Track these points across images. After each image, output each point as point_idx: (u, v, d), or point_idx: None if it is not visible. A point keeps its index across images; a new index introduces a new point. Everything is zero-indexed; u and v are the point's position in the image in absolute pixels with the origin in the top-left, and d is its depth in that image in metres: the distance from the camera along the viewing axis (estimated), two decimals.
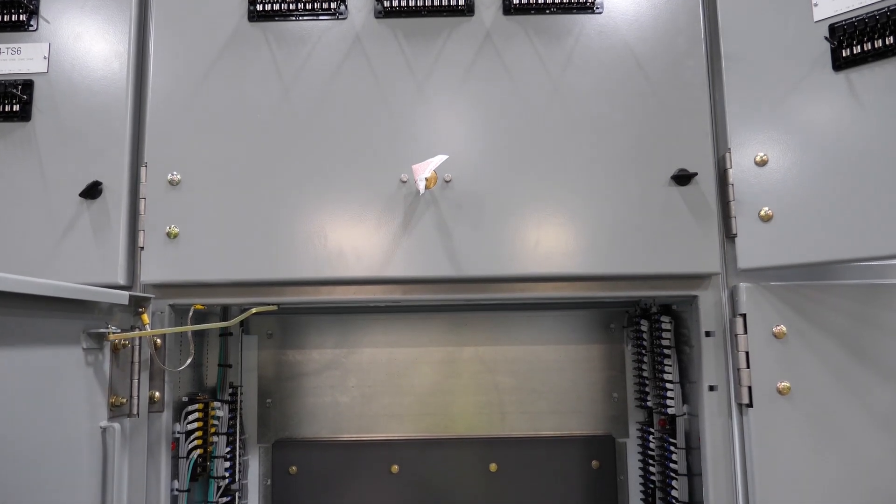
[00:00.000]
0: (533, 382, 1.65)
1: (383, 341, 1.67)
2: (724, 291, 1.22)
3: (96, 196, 1.22)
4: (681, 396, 1.36)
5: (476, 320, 1.67)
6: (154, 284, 1.22)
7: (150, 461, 1.20)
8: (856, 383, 1.16)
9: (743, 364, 1.16)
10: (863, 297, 1.17)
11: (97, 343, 1.09)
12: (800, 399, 1.15)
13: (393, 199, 1.20)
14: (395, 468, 1.60)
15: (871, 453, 1.15)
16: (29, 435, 0.93)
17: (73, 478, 1.03)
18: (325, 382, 1.67)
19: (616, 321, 1.67)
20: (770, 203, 1.15)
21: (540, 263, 1.19)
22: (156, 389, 1.21)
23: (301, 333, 1.68)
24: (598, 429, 1.64)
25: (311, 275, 1.19)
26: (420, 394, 1.65)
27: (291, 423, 1.66)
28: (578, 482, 1.59)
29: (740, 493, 1.19)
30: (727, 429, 1.20)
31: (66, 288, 0.97)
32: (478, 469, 1.60)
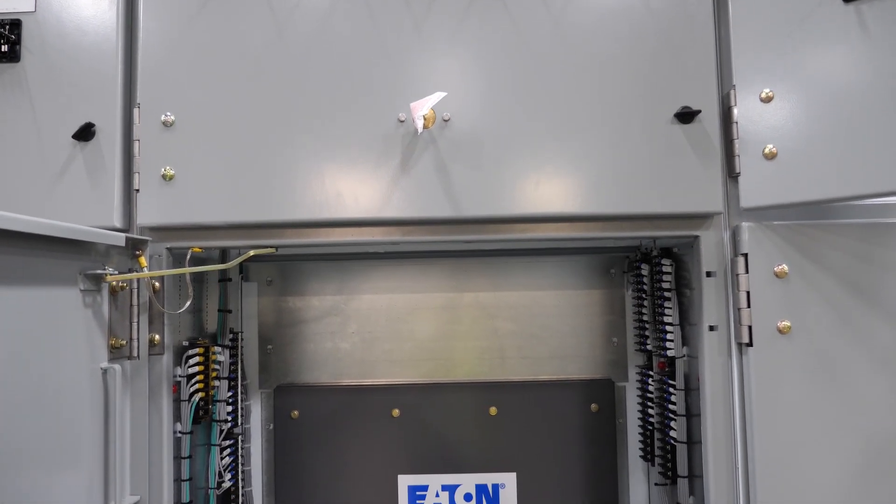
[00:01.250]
0: (533, 328, 1.66)
1: (383, 287, 1.67)
2: (725, 232, 1.21)
3: (89, 138, 1.20)
4: (680, 338, 1.36)
5: (476, 266, 1.67)
6: (151, 227, 1.21)
7: (152, 403, 1.20)
8: (857, 322, 1.15)
9: (743, 304, 1.16)
10: (865, 236, 1.16)
11: (95, 285, 1.08)
12: (800, 338, 1.15)
13: (391, 138, 1.18)
14: (396, 412, 1.61)
15: (871, 392, 1.15)
16: (29, 374, 0.93)
17: (75, 418, 1.03)
18: (325, 329, 1.67)
19: (616, 266, 1.66)
20: (774, 140, 1.13)
21: (540, 203, 1.18)
22: (155, 332, 1.20)
23: (301, 280, 1.68)
24: (598, 373, 1.65)
25: (308, 216, 1.18)
26: (420, 339, 1.66)
27: (292, 369, 1.67)
28: (577, 425, 1.61)
29: (738, 433, 1.20)
30: (726, 369, 1.20)
31: (62, 227, 0.96)
32: (478, 413, 1.61)
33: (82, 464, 1.05)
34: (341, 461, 1.61)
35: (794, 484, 1.15)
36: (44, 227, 0.92)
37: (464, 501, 1.60)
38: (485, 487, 1.60)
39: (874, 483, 1.16)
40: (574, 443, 1.60)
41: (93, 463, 1.08)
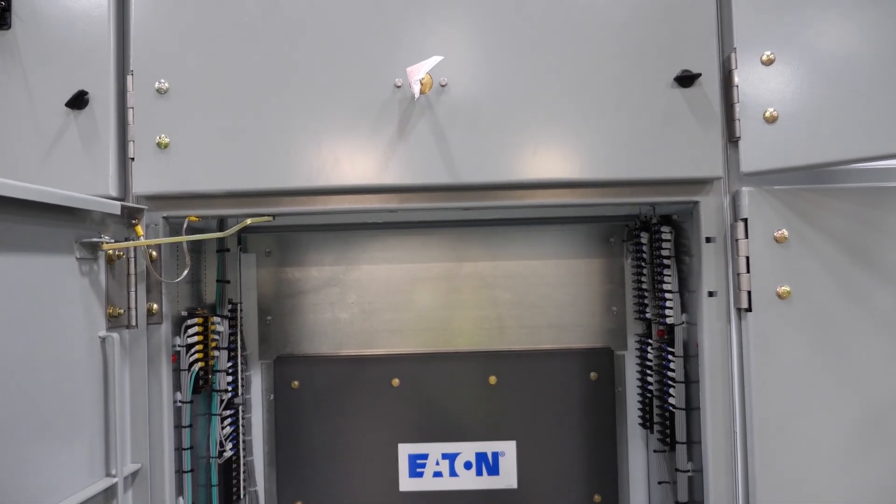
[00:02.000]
0: (532, 297, 1.66)
1: (382, 258, 1.67)
2: (725, 197, 1.20)
3: (83, 106, 1.18)
4: (679, 306, 1.36)
5: (475, 236, 1.66)
6: (147, 196, 1.20)
7: (152, 372, 1.20)
8: (856, 287, 1.15)
9: (743, 269, 1.16)
10: (866, 200, 1.16)
11: (91, 253, 1.08)
12: (799, 303, 1.15)
13: (387, 104, 1.17)
14: (396, 382, 1.61)
15: (871, 357, 1.15)
16: (27, 342, 0.93)
17: (75, 386, 1.04)
18: (324, 299, 1.67)
19: (615, 235, 1.66)
20: (775, 104, 1.12)
21: (539, 169, 1.17)
22: (154, 302, 1.20)
23: (299, 251, 1.67)
24: (597, 342, 1.65)
25: (305, 184, 1.17)
26: (420, 309, 1.66)
27: (292, 340, 1.67)
28: (577, 394, 1.61)
29: (737, 399, 1.20)
30: (725, 334, 1.20)
31: (57, 195, 0.95)
32: (477, 382, 1.61)
33: (83, 432, 1.05)
34: (342, 431, 1.61)
35: (792, 448, 1.16)
36: (39, 194, 0.92)
37: (464, 469, 1.61)
38: (484, 455, 1.61)
39: (873, 447, 1.16)
40: (573, 411, 1.61)
41: (93, 431, 1.08)
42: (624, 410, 1.65)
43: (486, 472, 1.61)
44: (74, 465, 1.03)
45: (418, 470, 1.61)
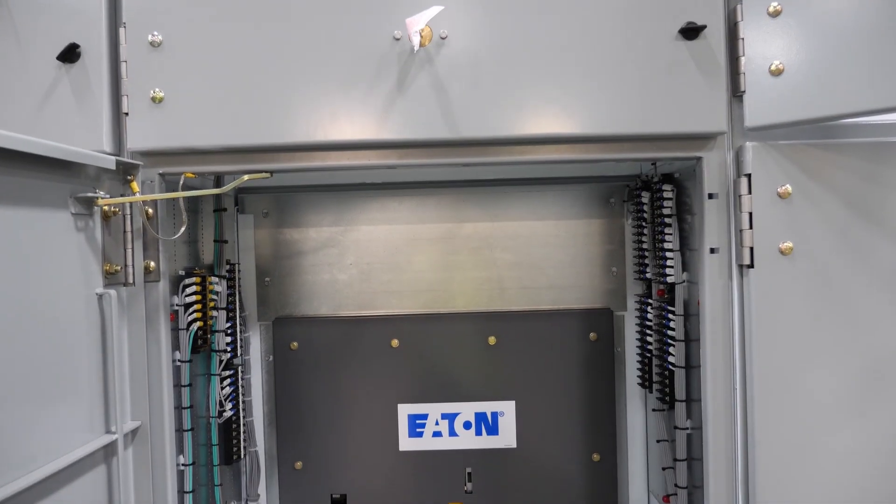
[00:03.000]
0: (532, 258, 1.65)
1: (381, 219, 1.65)
2: (729, 153, 1.19)
3: (75, 59, 1.16)
4: (680, 264, 1.35)
5: (474, 197, 1.65)
6: (141, 152, 1.18)
7: (150, 330, 1.20)
8: (859, 242, 1.14)
9: (746, 225, 1.14)
10: (870, 155, 1.14)
11: (86, 209, 1.06)
12: (802, 259, 1.14)
13: (386, 57, 1.15)
14: (396, 343, 1.61)
15: (872, 312, 1.15)
16: (22, 297, 0.92)
17: (73, 343, 1.03)
18: (323, 260, 1.66)
19: (616, 195, 1.65)
20: (781, 56, 1.10)
21: (540, 124, 1.15)
22: (151, 259, 1.19)
23: (297, 212, 1.66)
24: (597, 303, 1.65)
25: (303, 139, 1.15)
26: (419, 270, 1.65)
27: (291, 301, 1.66)
28: (576, 354, 1.61)
29: (737, 356, 1.20)
30: (727, 291, 1.19)
31: (51, 147, 0.93)
32: (477, 342, 1.61)
33: (81, 389, 1.05)
34: (341, 392, 1.62)
35: (792, 404, 1.16)
36: (32, 146, 0.90)
37: (463, 429, 1.61)
38: (484, 415, 1.61)
39: (872, 403, 1.16)
40: (572, 371, 1.61)
41: (92, 388, 1.08)
42: (623, 371, 1.65)
43: (485, 432, 1.62)
44: (73, 423, 1.03)
45: (418, 430, 1.62)
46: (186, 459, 1.31)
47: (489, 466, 1.62)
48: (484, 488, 1.62)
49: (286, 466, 1.63)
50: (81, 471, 1.03)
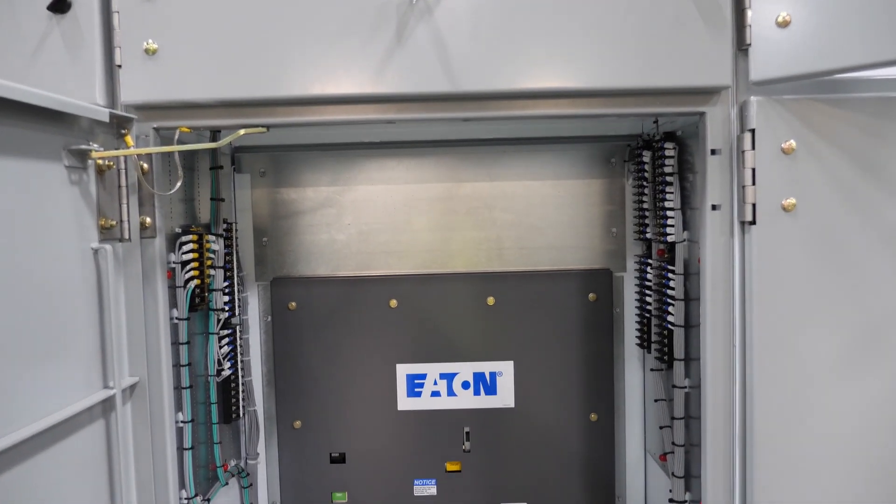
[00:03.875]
0: (531, 218, 1.63)
1: (379, 178, 1.64)
2: (732, 108, 1.17)
3: (65, 10, 1.13)
4: (681, 223, 1.34)
5: (473, 157, 1.63)
6: (135, 105, 1.16)
7: (147, 287, 1.19)
8: (863, 199, 1.13)
9: (748, 181, 1.13)
10: (876, 110, 1.13)
11: (80, 162, 1.04)
12: (805, 216, 1.13)
13: (384, 8, 1.12)
14: (394, 303, 1.61)
15: (875, 270, 1.14)
16: (17, 248, 0.91)
17: (69, 299, 1.02)
18: (320, 220, 1.65)
19: (617, 155, 1.63)
20: (789, 7, 1.08)
21: (541, 78, 1.13)
22: (146, 215, 1.18)
23: (295, 171, 1.64)
24: (596, 263, 1.64)
25: (300, 92, 1.13)
26: (417, 230, 1.64)
27: (288, 262, 1.65)
28: (575, 315, 1.61)
29: (737, 314, 1.19)
30: (728, 248, 1.18)
31: (43, 96, 0.92)
32: (475, 303, 1.61)
33: (79, 345, 1.04)
34: (340, 352, 1.62)
35: (791, 362, 1.16)
36: (24, 95, 0.88)
37: (462, 389, 1.62)
38: (482, 375, 1.62)
39: (871, 361, 1.16)
40: (571, 332, 1.61)
41: (89, 344, 1.07)
42: (622, 331, 1.65)
43: (483, 392, 1.62)
44: (71, 378, 1.02)
45: (416, 390, 1.62)
46: (185, 416, 1.31)
47: (487, 426, 1.62)
48: (482, 448, 1.63)
49: (285, 426, 1.64)
50: (80, 425, 1.03)
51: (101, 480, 1.10)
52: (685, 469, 1.37)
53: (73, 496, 1.02)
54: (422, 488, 1.63)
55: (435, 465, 1.63)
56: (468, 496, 1.63)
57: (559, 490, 1.63)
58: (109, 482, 1.12)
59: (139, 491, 1.18)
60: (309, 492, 1.64)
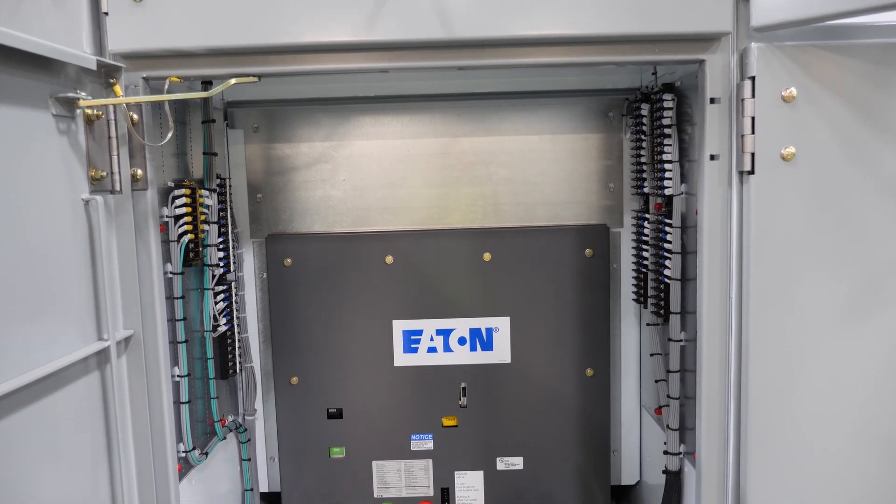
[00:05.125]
0: (528, 174, 1.62)
1: (374, 133, 1.62)
2: (733, 56, 1.14)
3: None
4: (679, 176, 1.33)
5: (470, 111, 1.61)
6: (123, 54, 1.13)
7: (139, 240, 1.17)
8: (864, 149, 1.11)
9: (748, 130, 1.11)
10: (879, 57, 1.10)
11: (68, 111, 1.02)
12: (804, 165, 1.11)
13: None
14: (390, 259, 1.60)
15: (874, 221, 1.13)
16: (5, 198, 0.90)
17: (60, 248, 1.01)
18: (315, 176, 1.63)
19: (615, 109, 1.61)
20: None
21: (537, 24, 1.10)
22: (137, 167, 1.16)
23: (288, 127, 1.62)
24: (593, 219, 1.63)
25: (292, 40, 1.11)
26: (413, 186, 1.62)
27: (283, 218, 1.64)
28: (571, 270, 1.60)
29: (734, 266, 1.18)
30: (726, 199, 1.17)
31: (28, 41, 0.89)
32: (472, 259, 1.60)
33: (71, 296, 1.03)
34: (336, 308, 1.61)
35: (787, 314, 1.16)
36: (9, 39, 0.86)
37: (458, 345, 1.62)
38: (478, 331, 1.62)
39: (868, 314, 1.16)
40: (568, 288, 1.61)
41: (82, 296, 1.06)
42: (618, 287, 1.65)
43: (479, 348, 1.62)
44: (64, 330, 1.01)
45: (413, 346, 1.62)
46: (182, 371, 1.32)
47: (483, 381, 1.63)
48: (478, 403, 1.63)
49: (282, 382, 1.64)
50: (75, 376, 1.03)
51: (99, 433, 1.10)
52: (680, 422, 1.37)
53: (72, 447, 1.03)
54: (419, 443, 1.64)
55: (432, 420, 1.64)
56: (465, 451, 1.65)
57: (555, 444, 1.64)
58: (107, 434, 1.12)
59: (137, 443, 1.19)
60: (307, 447, 1.65)
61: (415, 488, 1.66)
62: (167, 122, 1.21)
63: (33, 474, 0.94)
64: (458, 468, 1.65)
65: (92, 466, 1.08)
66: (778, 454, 1.19)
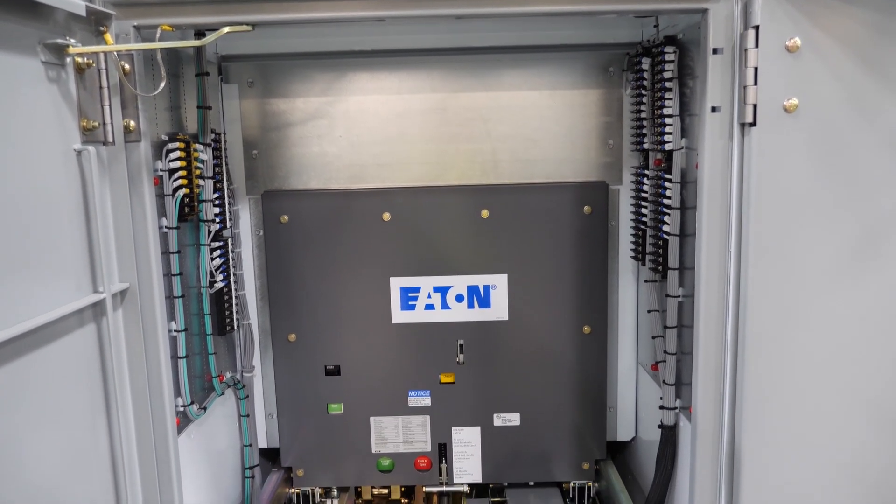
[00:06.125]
0: (527, 130, 1.60)
1: (371, 88, 1.59)
2: (737, 5, 1.12)
3: None
4: (680, 130, 1.31)
5: (468, 66, 1.58)
6: (114, 2, 1.10)
7: (134, 193, 1.16)
8: (868, 100, 1.10)
9: (750, 81, 1.10)
10: (887, 6, 1.08)
11: (57, 58, 1.00)
12: (807, 117, 1.10)
13: None
14: (387, 216, 1.59)
15: (876, 175, 1.12)
16: None
17: (52, 199, 0.99)
18: (311, 132, 1.61)
19: (615, 64, 1.58)
20: None
21: None
22: (130, 118, 1.14)
23: (284, 81, 1.60)
24: (592, 176, 1.62)
25: None
26: (411, 142, 1.60)
27: (279, 175, 1.63)
28: (570, 228, 1.59)
29: (733, 221, 1.17)
30: (727, 152, 1.15)
31: None
32: (469, 216, 1.59)
33: (65, 249, 1.02)
34: (334, 265, 1.61)
35: (786, 268, 1.15)
36: None
37: (455, 302, 1.62)
38: (476, 289, 1.62)
39: (867, 267, 1.15)
40: (565, 245, 1.60)
41: (76, 248, 1.05)
42: (616, 245, 1.64)
43: (477, 305, 1.62)
44: (57, 283, 1.00)
45: (410, 303, 1.62)
46: (179, 326, 1.31)
47: (481, 339, 1.63)
48: (476, 360, 1.64)
49: (280, 339, 1.64)
50: (71, 328, 1.03)
51: (97, 386, 1.10)
52: (676, 377, 1.38)
53: (70, 401, 1.03)
54: (416, 399, 1.65)
55: (429, 377, 1.65)
56: (462, 407, 1.66)
57: (551, 401, 1.65)
58: (104, 388, 1.12)
59: (135, 396, 1.19)
60: (305, 403, 1.66)
61: (412, 444, 1.67)
62: (160, 74, 1.19)
63: (32, 428, 0.93)
64: (456, 424, 1.67)
65: (91, 419, 1.08)
66: (773, 408, 1.20)
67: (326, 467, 1.69)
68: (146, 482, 1.20)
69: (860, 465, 1.22)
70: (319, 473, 1.69)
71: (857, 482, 1.23)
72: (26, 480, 0.92)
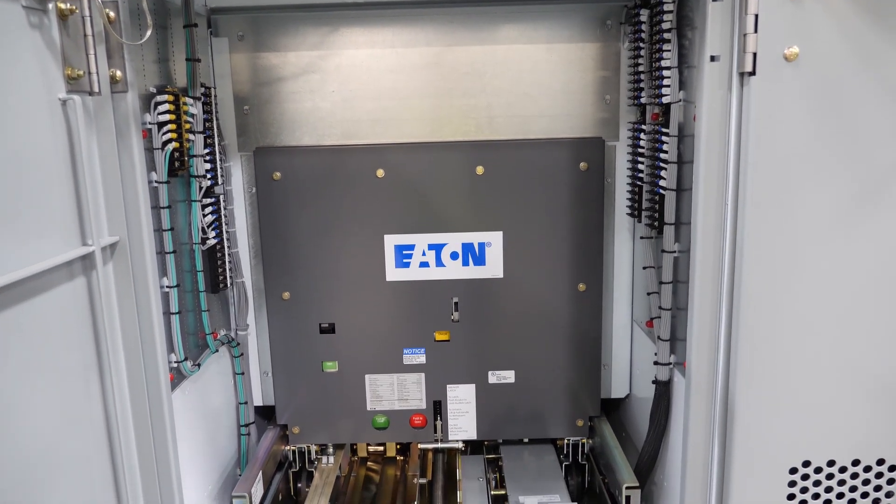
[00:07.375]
0: (523, 85, 1.57)
1: (364, 42, 1.56)
2: None
3: None
4: (678, 83, 1.29)
5: (463, 19, 1.55)
6: None
7: (122, 145, 1.14)
8: (870, 50, 1.08)
9: (750, 28, 1.07)
10: None
11: (38, 3, 0.97)
12: (807, 66, 1.08)
13: None
14: (381, 173, 1.57)
15: (876, 127, 1.11)
16: None
17: (36, 150, 0.97)
18: (303, 87, 1.58)
19: (613, 17, 1.55)
20: None
21: None
22: (116, 68, 1.11)
23: (275, 35, 1.56)
24: (588, 132, 1.60)
25: None
26: (405, 98, 1.58)
27: (271, 131, 1.60)
28: (565, 184, 1.58)
29: (731, 174, 1.16)
30: (725, 103, 1.14)
31: None
32: (464, 172, 1.57)
33: (52, 201, 1.01)
34: (327, 223, 1.59)
35: (784, 221, 1.14)
36: None
37: (450, 259, 1.61)
38: (471, 246, 1.60)
39: (866, 220, 1.15)
40: (561, 202, 1.58)
41: (64, 201, 1.03)
42: (612, 202, 1.63)
43: (472, 263, 1.61)
44: (43, 236, 0.98)
45: (405, 260, 1.61)
46: (171, 282, 1.30)
47: (476, 296, 1.63)
48: (470, 317, 1.63)
49: (274, 297, 1.63)
50: (59, 280, 1.01)
51: (88, 342, 1.09)
52: (671, 332, 1.38)
53: (61, 354, 1.02)
54: (411, 357, 1.65)
55: (424, 334, 1.64)
56: (457, 365, 1.66)
57: (546, 359, 1.65)
58: (96, 343, 1.11)
59: (127, 352, 1.18)
60: (299, 361, 1.66)
61: (407, 401, 1.68)
62: (146, 23, 1.16)
63: (23, 382, 0.93)
64: (451, 381, 1.67)
65: (83, 374, 1.07)
66: (767, 362, 1.20)
67: (322, 425, 1.69)
68: (141, 438, 1.20)
69: (853, 419, 1.23)
70: (315, 431, 1.70)
71: (849, 436, 1.23)
72: (18, 436, 0.92)
